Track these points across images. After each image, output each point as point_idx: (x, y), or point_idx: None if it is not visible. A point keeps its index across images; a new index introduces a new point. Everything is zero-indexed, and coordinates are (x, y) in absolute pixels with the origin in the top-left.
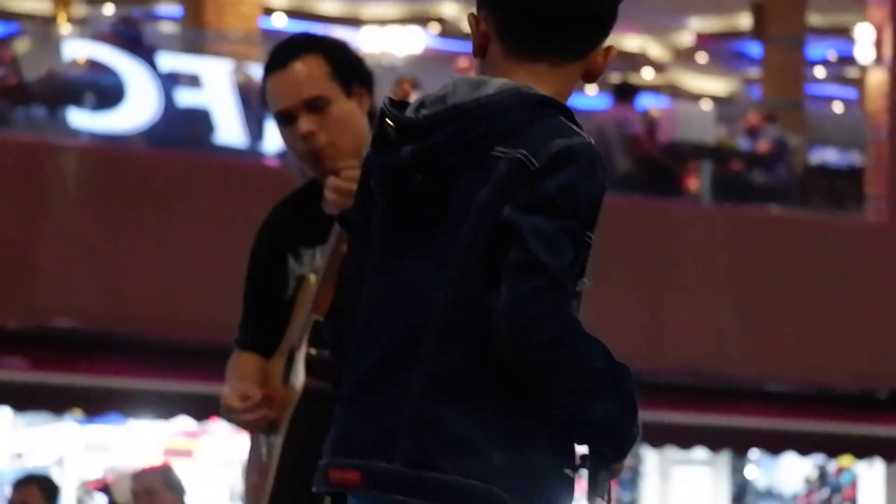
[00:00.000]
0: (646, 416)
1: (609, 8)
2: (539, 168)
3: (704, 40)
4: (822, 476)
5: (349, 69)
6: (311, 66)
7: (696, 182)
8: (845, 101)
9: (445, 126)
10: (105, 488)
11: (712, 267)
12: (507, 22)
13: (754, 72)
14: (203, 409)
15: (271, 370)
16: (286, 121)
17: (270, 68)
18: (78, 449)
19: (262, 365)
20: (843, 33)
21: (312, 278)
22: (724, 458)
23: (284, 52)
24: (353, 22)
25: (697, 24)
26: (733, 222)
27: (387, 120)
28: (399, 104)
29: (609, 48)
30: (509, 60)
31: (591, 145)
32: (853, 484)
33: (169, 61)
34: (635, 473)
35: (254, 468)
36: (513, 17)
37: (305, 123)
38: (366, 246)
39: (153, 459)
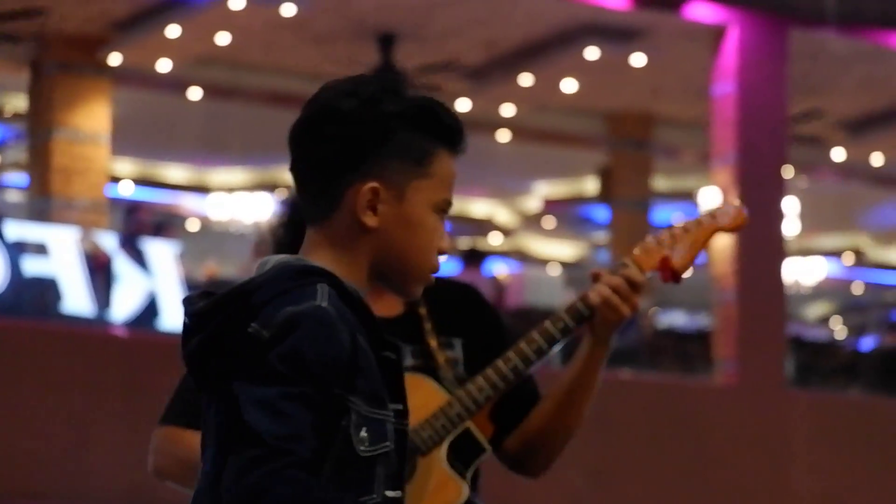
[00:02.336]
0: None
1: (336, 148)
2: (268, 339)
3: (551, 205)
4: None
5: None
6: None
7: None
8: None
9: (221, 310)
10: None
11: None
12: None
13: (601, 236)
14: None
15: None
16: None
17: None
18: None
19: None
20: (689, 197)
21: None
22: None
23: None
24: (201, 189)
25: (544, 189)
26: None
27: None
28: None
29: (359, 185)
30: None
31: (321, 308)
32: None
33: (15, 230)
34: None
35: None
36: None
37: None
38: None
39: None
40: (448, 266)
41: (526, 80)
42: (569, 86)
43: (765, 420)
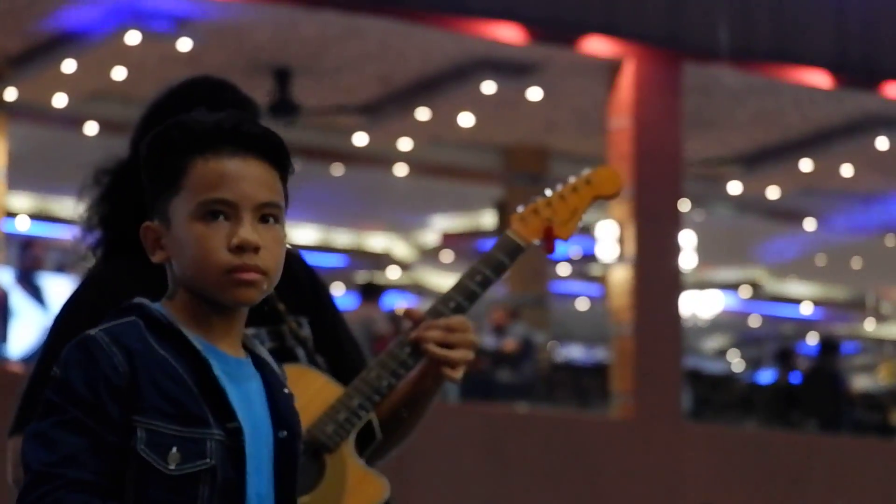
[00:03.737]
0: None
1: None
2: (55, 376)
3: (449, 239)
4: None
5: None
6: None
7: None
8: (589, 297)
9: None
10: None
11: (460, 464)
12: None
13: None
14: None
15: None
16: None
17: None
18: None
19: None
20: (586, 231)
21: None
22: None
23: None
24: None
25: (442, 223)
26: (480, 419)
27: None
28: None
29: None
30: None
31: (88, 336)
32: None
33: None
34: None
35: None
36: None
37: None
38: None
39: None
40: (345, 300)
41: (422, 114)
42: (465, 120)
43: (661, 453)
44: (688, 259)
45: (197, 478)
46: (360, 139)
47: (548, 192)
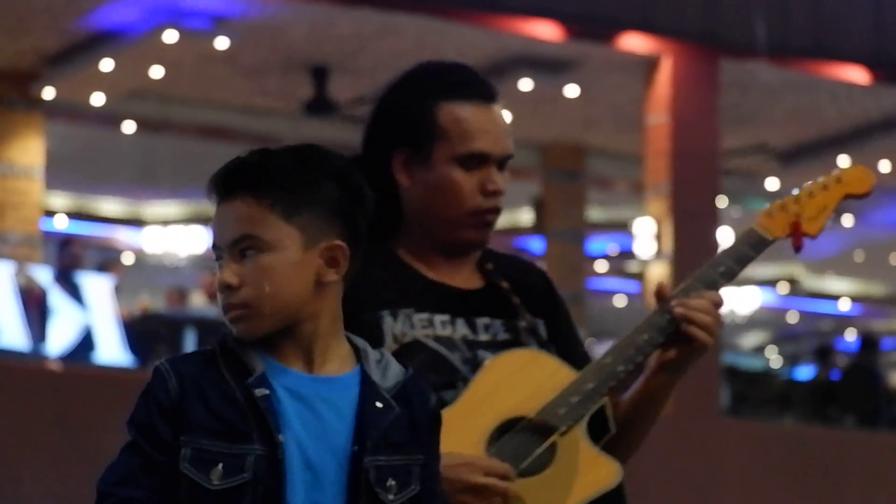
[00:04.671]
0: None
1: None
2: None
3: None
4: None
5: None
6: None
7: None
8: (627, 294)
9: None
10: None
11: None
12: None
13: None
14: None
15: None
16: (475, 163)
17: (475, 95)
18: None
19: None
20: (623, 227)
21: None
22: None
23: (488, 86)
24: (136, 222)
25: None
26: None
27: None
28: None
29: None
30: None
31: (155, 365)
32: None
33: None
34: None
35: None
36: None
37: (501, 180)
38: None
39: None
40: None
41: None
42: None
43: (699, 450)
44: None
45: (239, 491)
46: None
47: (795, 191)
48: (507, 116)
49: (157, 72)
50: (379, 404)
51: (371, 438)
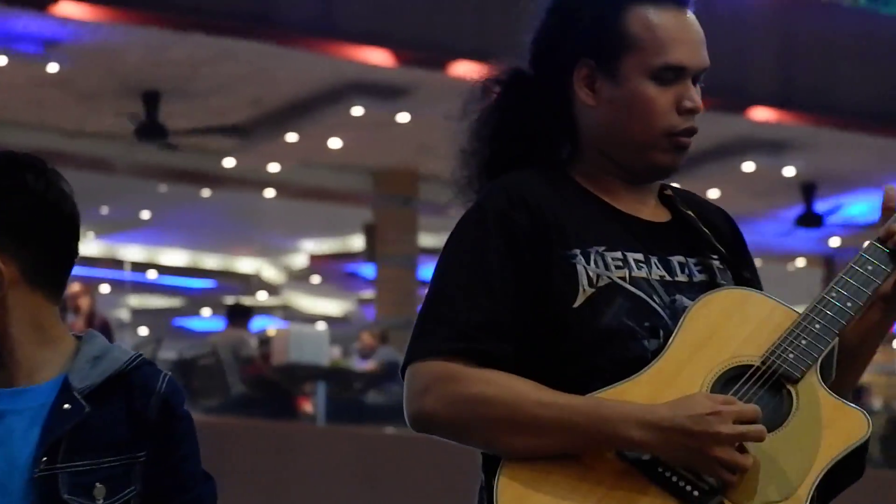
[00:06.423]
0: None
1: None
2: None
3: (318, 262)
4: None
5: None
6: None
7: (311, 403)
8: None
9: None
10: None
11: (333, 487)
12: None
13: (368, 292)
14: None
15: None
16: (670, 76)
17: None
18: None
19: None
20: None
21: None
22: None
23: None
24: None
25: (311, 246)
26: (348, 442)
27: None
28: None
29: None
30: None
31: None
32: None
33: None
34: None
35: None
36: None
37: (698, 96)
38: None
39: None
40: (212, 323)
41: (292, 137)
42: (335, 143)
43: None
44: None
45: None
46: (229, 162)
47: None
48: (337, 143)
49: None
50: (67, 406)
51: (57, 444)
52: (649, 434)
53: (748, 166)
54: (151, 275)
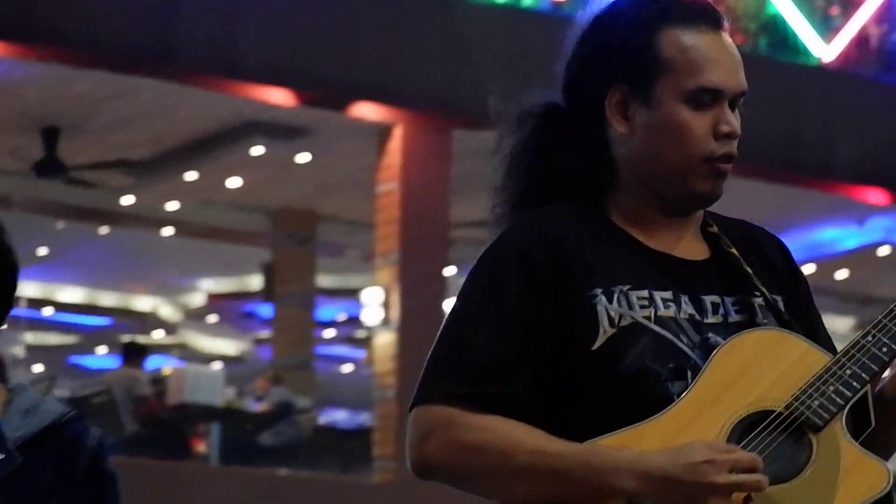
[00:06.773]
0: None
1: None
2: None
3: (215, 301)
4: None
5: None
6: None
7: (205, 443)
8: (354, 361)
9: None
10: None
11: None
12: None
13: (265, 332)
14: None
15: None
16: (706, 100)
17: (702, 19)
18: None
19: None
20: (352, 294)
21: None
22: None
23: (715, 10)
24: None
25: (208, 285)
26: (242, 484)
27: None
28: None
29: None
30: None
31: None
32: None
33: None
34: None
35: None
36: None
37: (736, 121)
38: None
39: None
40: (108, 361)
41: (191, 175)
42: (234, 182)
43: None
44: None
45: None
46: (128, 199)
47: None
48: (236, 182)
49: None
50: (1, 455)
51: None
52: (642, 484)
53: None
54: (47, 311)
